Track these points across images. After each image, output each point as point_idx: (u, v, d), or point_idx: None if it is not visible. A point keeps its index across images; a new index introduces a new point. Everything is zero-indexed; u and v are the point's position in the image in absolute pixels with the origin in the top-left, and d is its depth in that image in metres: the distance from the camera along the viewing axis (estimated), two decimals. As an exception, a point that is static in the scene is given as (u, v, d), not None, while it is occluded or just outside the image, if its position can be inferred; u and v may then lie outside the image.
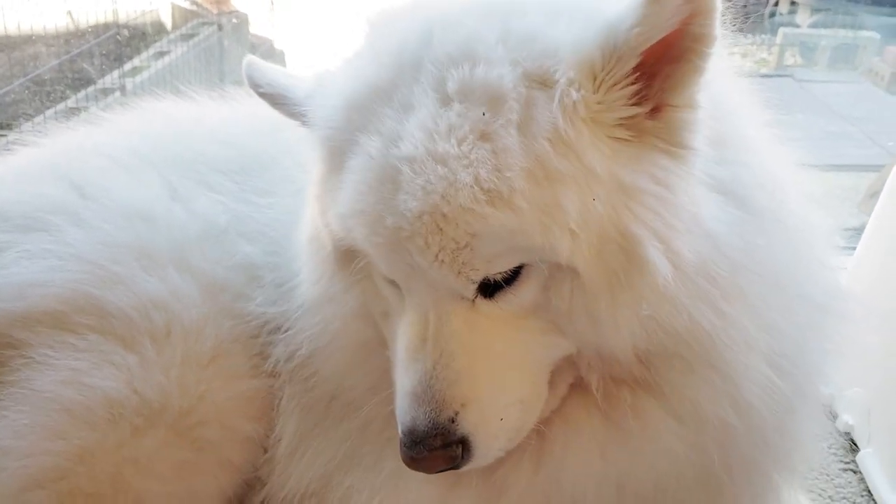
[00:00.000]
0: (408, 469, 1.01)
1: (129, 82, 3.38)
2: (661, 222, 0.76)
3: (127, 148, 1.23)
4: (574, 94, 0.75)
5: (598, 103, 0.76)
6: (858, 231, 1.58)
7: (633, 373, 0.86)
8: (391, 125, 0.79)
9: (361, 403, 1.02)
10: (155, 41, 3.76)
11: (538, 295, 0.81)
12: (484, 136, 0.75)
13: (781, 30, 4.71)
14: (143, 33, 3.70)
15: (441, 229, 0.75)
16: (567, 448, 0.90)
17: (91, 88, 3.25)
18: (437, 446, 0.80)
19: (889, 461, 1.38)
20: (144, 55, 3.68)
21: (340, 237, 0.86)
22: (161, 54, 3.74)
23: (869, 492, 1.39)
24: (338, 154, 0.84)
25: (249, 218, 1.19)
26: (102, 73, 3.33)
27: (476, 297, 0.81)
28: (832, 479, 1.41)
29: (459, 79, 0.76)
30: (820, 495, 1.37)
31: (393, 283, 0.86)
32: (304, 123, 0.92)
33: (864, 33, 4.62)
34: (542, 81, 0.76)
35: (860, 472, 1.43)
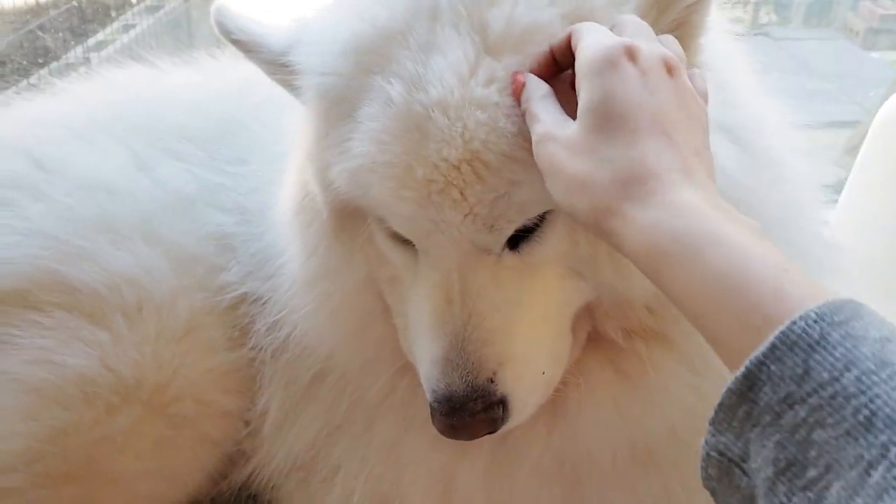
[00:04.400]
0: (403, 438, 0.98)
1: (94, 56, 3.28)
2: None
3: (87, 118, 1.18)
4: None
5: None
6: (836, 187, 1.57)
7: (645, 323, 0.84)
8: (411, 67, 0.72)
9: (357, 378, 0.99)
10: (121, 14, 3.65)
11: (561, 241, 0.77)
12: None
13: (756, -13, 4.69)
14: (108, 6, 3.59)
15: (481, 178, 0.70)
16: (582, 406, 0.88)
17: (55, 64, 3.15)
18: (479, 410, 0.75)
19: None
20: (110, 29, 3.58)
21: (347, 197, 0.79)
22: (127, 27, 3.63)
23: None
24: (343, 102, 0.76)
25: (221, 187, 1.14)
26: (67, 49, 3.23)
27: (503, 250, 0.76)
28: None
29: (498, 20, 0.71)
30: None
31: (403, 245, 0.81)
32: (283, 74, 0.84)
33: (838, -11, 4.60)
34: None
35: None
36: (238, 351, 1.09)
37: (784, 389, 0.46)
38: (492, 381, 0.76)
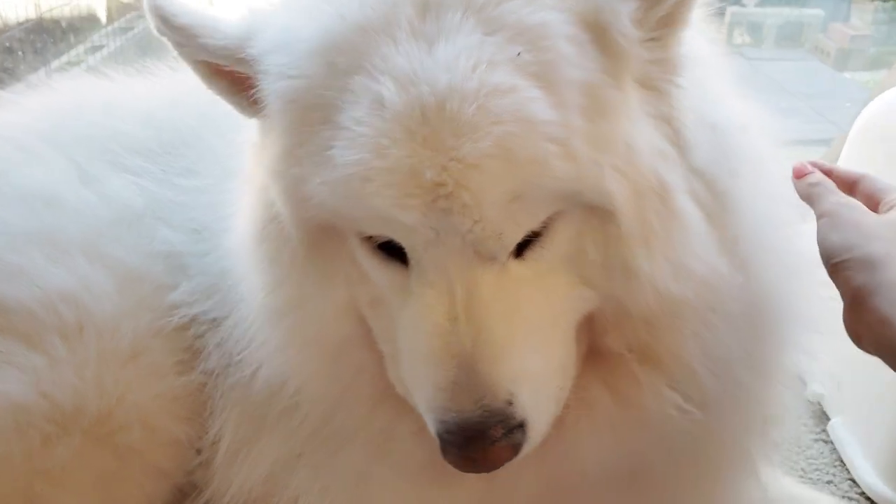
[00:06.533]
0: (373, 470, 0.91)
1: (59, 78, 3.22)
2: (682, 170, 0.74)
3: (28, 129, 1.11)
4: (627, 33, 0.70)
5: (643, 43, 0.72)
6: (808, 205, 1.56)
7: (642, 338, 0.78)
8: (403, 62, 0.65)
9: (327, 412, 0.91)
10: (89, 36, 3.61)
11: (567, 246, 0.72)
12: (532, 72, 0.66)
13: (729, 9, 4.76)
14: (76, 28, 3.54)
15: (499, 177, 0.65)
16: (580, 430, 0.81)
17: (17, 86, 3.09)
18: (500, 436, 0.68)
19: (861, 429, 1.33)
20: (75, 51, 3.53)
21: (328, 212, 0.71)
22: (95, 48, 3.59)
23: (842, 462, 1.34)
24: (319, 109, 0.69)
25: (171, 201, 1.08)
26: (32, 70, 3.17)
27: (508, 258, 0.70)
28: (804, 451, 1.35)
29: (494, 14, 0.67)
30: (792, 468, 1.31)
31: (389, 262, 0.74)
32: (239, 66, 0.76)
33: (809, 11, 4.71)
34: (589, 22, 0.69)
35: (831, 443, 1.38)
36: (188, 375, 1.02)
37: None
38: (510, 403, 0.69)
